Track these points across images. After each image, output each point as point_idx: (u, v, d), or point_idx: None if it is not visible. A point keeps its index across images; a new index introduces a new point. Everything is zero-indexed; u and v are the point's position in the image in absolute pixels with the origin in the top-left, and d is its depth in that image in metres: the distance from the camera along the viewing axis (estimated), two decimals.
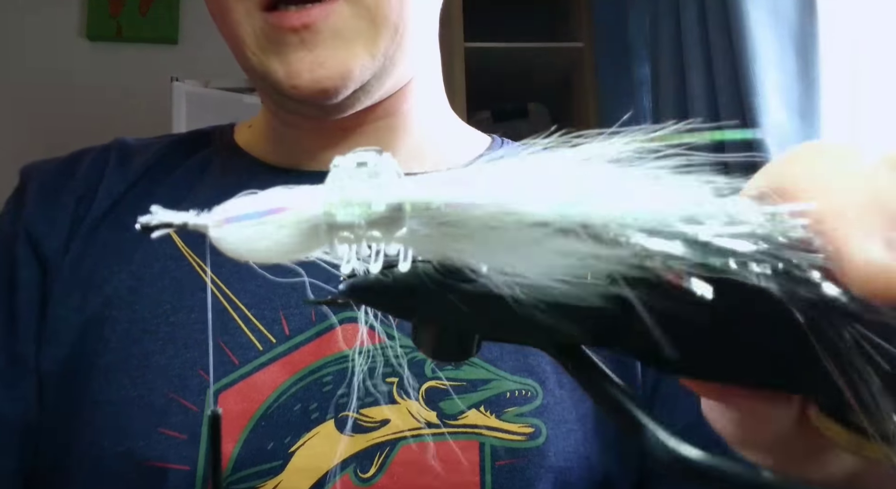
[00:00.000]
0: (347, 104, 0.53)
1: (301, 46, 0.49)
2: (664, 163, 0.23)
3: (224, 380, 0.49)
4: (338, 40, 0.49)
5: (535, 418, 0.50)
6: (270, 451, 0.48)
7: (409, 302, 0.23)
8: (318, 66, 0.49)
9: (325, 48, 0.49)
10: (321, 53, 0.49)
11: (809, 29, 1.28)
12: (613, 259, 0.21)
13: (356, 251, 0.23)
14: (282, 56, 0.50)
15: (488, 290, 0.22)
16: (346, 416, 0.49)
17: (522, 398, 0.50)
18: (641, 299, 0.21)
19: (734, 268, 0.21)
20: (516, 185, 0.22)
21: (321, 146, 0.58)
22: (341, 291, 0.25)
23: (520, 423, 0.50)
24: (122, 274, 0.54)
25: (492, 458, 0.48)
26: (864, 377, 0.21)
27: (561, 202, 0.22)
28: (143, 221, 0.25)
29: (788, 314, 0.21)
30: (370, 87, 0.52)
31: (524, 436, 0.49)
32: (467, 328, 0.24)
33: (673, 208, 0.21)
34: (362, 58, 0.50)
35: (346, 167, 0.24)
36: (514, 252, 0.22)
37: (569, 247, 0.21)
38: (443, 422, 0.49)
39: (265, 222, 0.24)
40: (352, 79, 0.50)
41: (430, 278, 0.23)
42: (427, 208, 0.22)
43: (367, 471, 0.48)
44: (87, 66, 2.19)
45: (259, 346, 0.50)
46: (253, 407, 0.49)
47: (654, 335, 0.21)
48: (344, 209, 0.23)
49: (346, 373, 0.50)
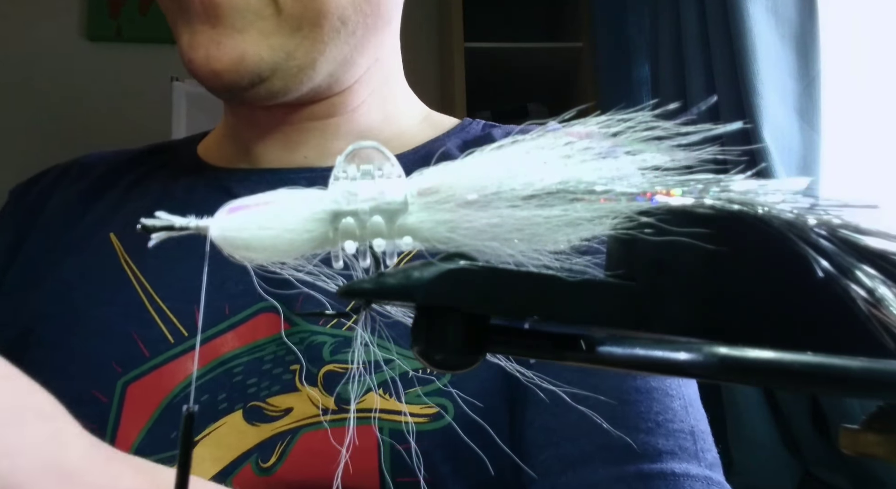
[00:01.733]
0: (249, 96, 0.52)
1: (205, 20, 0.49)
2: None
3: (133, 372, 0.50)
4: (237, 22, 0.49)
5: (440, 397, 0.48)
6: (173, 440, 0.48)
7: (417, 285, 0.22)
8: (214, 44, 0.49)
9: (224, 27, 0.49)
10: (221, 32, 0.49)
11: (809, 28, 1.28)
12: (614, 212, 0.22)
13: (360, 246, 0.24)
14: (188, 25, 0.50)
15: (502, 267, 0.22)
16: (255, 406, 0.49)
17: (426, 378, 0.48)
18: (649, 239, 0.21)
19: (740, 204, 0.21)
20: (510, 163, 0.23)
21: (258, 141, 0.59)
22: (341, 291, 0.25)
23: (422, 404, 0.48)
24: (60, 272, 0.57)
25: (390, 442, 0.47)
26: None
27: (561, 171, 0.22)
28: (146, 223, 0.25)
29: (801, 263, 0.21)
30: (272, 84, 0.51)
31: (427, 417, 0.47)
32: (479, 308, 0.23)
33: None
34: (257, 45, 0.49)
35: (348, 161, 0.24)
36: (523, 230, 0.22)
37: (575, 214, 0.22)
38: (340, 407, 0.48)
39: (269, 218, 0.24)
40: (245, 65, 0.49)
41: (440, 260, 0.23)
42: (430, 193, 0.22)
43: (267, 461, 0.48)
44: (87, 66, 2.19)
45: (171, 339, 0.51)
46: (159, 397, 0.49)
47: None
48: (348, 198, 0.23)
49: (256, 364, 0.50)
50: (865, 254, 0.21)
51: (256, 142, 0.60)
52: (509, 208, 0.23)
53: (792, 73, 1.29)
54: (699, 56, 1.44)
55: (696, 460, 0.48)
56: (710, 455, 0.49)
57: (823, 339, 0.22)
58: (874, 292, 0.21)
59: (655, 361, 0.21)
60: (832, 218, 0.21)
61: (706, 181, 0.22)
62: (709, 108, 1.37)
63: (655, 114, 0.24)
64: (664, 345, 0.21)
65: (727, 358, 0.20)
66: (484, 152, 0.24)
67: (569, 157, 0.23)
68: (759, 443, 1.27)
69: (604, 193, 0.22)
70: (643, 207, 0.22)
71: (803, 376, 0.20)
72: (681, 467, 0.47)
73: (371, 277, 0.22)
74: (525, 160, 0.23)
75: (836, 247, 0.21)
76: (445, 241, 0.23)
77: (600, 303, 0.22)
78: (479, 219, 0.23)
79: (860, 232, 0.21)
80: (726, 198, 0.21)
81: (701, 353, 0.21)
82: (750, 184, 0.22)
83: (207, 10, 0.49)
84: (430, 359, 0.24)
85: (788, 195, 0.22)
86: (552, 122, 0.25)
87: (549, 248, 0.23)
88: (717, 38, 1.38)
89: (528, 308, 0.22)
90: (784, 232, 0.21)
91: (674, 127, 0.24)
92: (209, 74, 0.50)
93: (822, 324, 0.22)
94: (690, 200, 0.21)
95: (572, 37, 2.04)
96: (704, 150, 0.23)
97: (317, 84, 0.54)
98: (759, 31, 1.28)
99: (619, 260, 0.23)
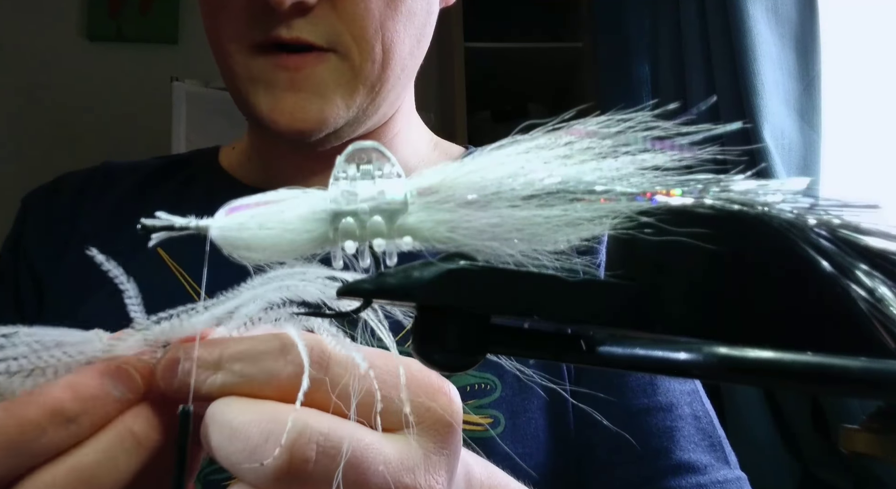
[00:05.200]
0: (318, 143, 0.57)
1: (289, 86, 0.54)
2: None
3: None
4: (321, 88, 0.54)
5: (493, 409, 0.53)
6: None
7: (417, 284, 0.22)
8: (300, 109, 0.54)
9: (308, 92, 0.54)
10: (305, 96, 0.54)
11: (809, 28, 1.28)
12: (614, 212, 0.22)
13: (360, 246, 0.23)
14: (270, 91, 0.54)
15: (502, 267, 0.22)
16: None
17: (482, 391, 0.54)
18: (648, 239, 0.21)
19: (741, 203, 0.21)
20: (510, 163, 0.23)
21: (301, 172, 0.62)
22: (341, 291, 0.25)
23: (479, 415, 0.53)
24: (102, 291, 0.58)
25: None
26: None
27: (561, 172, 0.22)
28: (146, 223, 0.25)
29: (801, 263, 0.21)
30: (342, 132, 0.57)
31: (483, 426, 0.53)
32: (479, 308, 0.23)
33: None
34: (339, 108, 0.55)
35: (348, 161, 0.24)
36: (523, 230, 0.22)
37: (575, 214, 0.22)
38: None
39: (269, 218, 0.24)
40: (326, 125, 0.55)
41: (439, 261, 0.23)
42: (430, 193, 0.22)
43: None
44: (87, 65, 2.19)
45: None
46: None
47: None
48: (348, 198, 0.23)
49: None
50: (865, 254, 0.21)
51: (303, 176, 0.62)
52: (509, 208, 0.23)
53: (792, 73, 1.29)
54: (699, 56, 1.44)
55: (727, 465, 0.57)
56: (732, 457, 0.58)
57: (823, 339, 0.22)
58: (874, 292, 0.21)
59: (655, 361, 0.21)
60: (832, 218, 0.21)
61: (706, 181, 0.22)
62: (709, 108, 1.37)
63: (655, 114, 0.24)
64: (664, 345, 0.21)
65: (727, 358, 0.20)
66: (484, 152, 0.24)
67: (569, 157, 0.23)
68: (759, 443, 1.27)
69: (604, 193, 0.22)
70: (643, 207, 0.22)
71: (803, 376, 0.20)
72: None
73: (371, 277, 0.22)
74: (525, 160, 0.23)
75: (836, 247, 0.21)
76: (445, 241, 0.23)
77: (600, 303, 0.22)
78: (479, 219, 0.23)
79: (860, 232, 0.21)
80: (726, 198, 0.21)
81: (701, 353, 0.21)
82: (750, 184, 0.22)
83: (294, 78, 0.53)
84: (429, 358, 0.24)
85: (788, 195, 0.22)
86: (579, 123, 0.25)
87: (549, 248, 0.23)
88: (717, 39, 1.38)
89: (528, 308, 0.22)
90: (784, 232, 0.21)
91: (674, 127, 0.24)
92: (294, 133, 0.54)
93: (822, 324, 0.22)
94: (690, 200, 0.21)
95: (572, 37, 2.04)
96: (704, 150, 0.23)
97: (374, 122, 0.60)
98: (759, 31, 1.28)
99: (619, 260, 0.23)
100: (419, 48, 0.59)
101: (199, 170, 0.67)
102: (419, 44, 0.59)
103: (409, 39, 0.56)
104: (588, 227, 0.22)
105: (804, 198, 0.21)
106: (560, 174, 0.22)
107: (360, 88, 0.55)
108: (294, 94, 0.54)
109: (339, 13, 0.53)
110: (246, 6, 0.53)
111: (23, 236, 0.65)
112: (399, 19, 0.55)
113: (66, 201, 0.66)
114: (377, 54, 0.54)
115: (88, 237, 0.62)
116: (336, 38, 0.53)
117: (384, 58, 0.55)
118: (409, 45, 0.57)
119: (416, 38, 0.58)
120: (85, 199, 0.65)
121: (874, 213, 0.21)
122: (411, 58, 0.58)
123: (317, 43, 0.53)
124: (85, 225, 0.63)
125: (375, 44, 0.54)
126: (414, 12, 0.56)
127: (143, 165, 0.69)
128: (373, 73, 0.55)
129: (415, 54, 0.59)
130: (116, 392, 0.26)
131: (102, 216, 0.64)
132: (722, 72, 1.37)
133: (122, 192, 0.65)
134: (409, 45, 0.57)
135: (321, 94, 0.54)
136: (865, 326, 0.21)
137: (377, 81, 0.56)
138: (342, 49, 0.54)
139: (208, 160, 0.69)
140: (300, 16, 0.52)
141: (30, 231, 0.65)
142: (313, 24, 0.52)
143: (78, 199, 0.65)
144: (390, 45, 0.55)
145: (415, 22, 0.57)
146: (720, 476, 0.56)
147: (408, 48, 0.57)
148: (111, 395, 0.26)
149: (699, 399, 0.59)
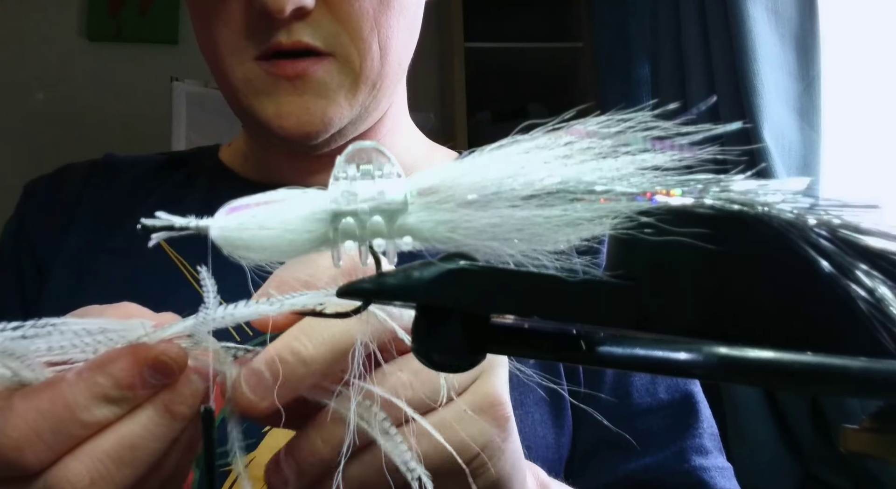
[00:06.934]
0: (323, 144, 0.59)
1: (292, 92, 0.55)
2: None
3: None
4: (323, 91, 0.55)
5: None
6: (244, 430, 0.49)
7: (417, 285, 0.22)
8: (305, 112, 0.55)
9: (312, 96, 0.55)
10: (308, 100, 0.55)
11: (809, 28, 1.28)
12: (614, 212, 0.22)
13: (360, 246, 0.23)
14: (273, 98, 0.55)
15: (502, 267, 0.22)
16: None
17: None
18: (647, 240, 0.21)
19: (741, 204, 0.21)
20: (510, 163, 0.23)
21: (301, 173, 0.63)
22: (341, 290, 0.25)
23: None
24: (108, 277, 0.59)
25: None
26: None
27: (561, 172, 0.22)
28: (146, 223, 0.25)
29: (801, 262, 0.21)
30: (346, 131, 0.59)
31: None
32: (479, 308, 0.23)
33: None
34: (343, 108, 0.56)
35: (348, 161, 0.24)
36: (523, 230, 0.22)
37: (575, 214, 0.22)
38: None
39: (269, 218, 0.24)
40: (332, 125, 0.56)
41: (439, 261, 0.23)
42: (430, 193, 0.22)
43: None
44: (87, 66, 2.19)
45: (237, 336, 0.53)
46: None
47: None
48: (348, 198, 0.23)
49: None
50: (865, 254, 0.21)
51: (302, 176, 0.63)
52: (509, 208, 0.23)
53: (792, 73, 1.29)
54: (699, 56, 1.44)
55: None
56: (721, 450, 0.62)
57: (823, 339, 0.22)
58: (874, 292, 0.21)
59: (655, 361, 0.21)
60: (832, 218, 0.21)
61: (706, 181, 0.22)
62: (709, 108, 1.37)
63: (655, 114, 0.24)
64: (664, 345, 0.21)
65: (727, 358, 0.20)
66: (484, 152, 0.24)
67: (569, 157, 0.23)
68: (759, 443, 1.27)
69: (604, 193, 0.22)
70: (643, 207, 0.22)
71: (803, 376, 0.20)
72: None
73: (371, 277, 0.22)
74: (525, 160, 0.23)
75: (836, 247, 0.21)
76: (445, 241, 0.23)
77: (600, 303, 0.22)
78: (479, 219, 0.23)
79: (860, 232, 0.21)
80: (726, 198, 0.21)
81: (701, 353, 0.21)
82: (750, 184, 0.22)
83: (296, 84, 0.55)
84: (429, 358, 0.24)
85: (788, 195, 0.22)
86: (579, 123, 0.25)
87: (549, 248, 0.23)
88: (717, 38, 1.38)
89: (528, 308, 0.22)
90: (784, 232, 0.21)
91: (674, 127, 0.24)
92: (301, 136, 0.56)
93: (821, 324, 0.22)
94: (690, 200, 0.21)
95: (572, 37, 2.04)
96: (704, 150, 0.23)
97: (373, 118, 0.61)
98: (759, 31, 1.28)
99: (619, 260, 0.23)
100: (411, 41, 0.61)
101: (201, 166, 0.68)
102: (411, 36, 0.60)
103: (403, 33, 0.58)
104: (588, 227, 0.22)
105: (804, 198, 0.21)
106: (560, 174, 0.22)
107: (361, 87, 0.56)
108: (298, 97, 0.55)
109: (334, 14, 0.54)
110: (244, 17, 0.54)
111: (24, 223, 0.66)
112: (392, 15, 0.56)
113: (67, 191, 0.66)
114: (375, 52, 0.55)
115: (87, 228, 0.63)
116: (334, 40, 0.54)
117: (381, 54, 0.56)
118: (403, 38, 0.58)
119: (409, 31, 0.59)
120: (86, 189, 0.66)
121: (874, 212, 0.21)
122: (405, 51, 0.60)
123: (316, 46, 0.54)
124: (84, 215, 0.64)
125: (372, 42, 0.55)
126: (405, 6, 0.57)
127: (145, 160, 0.69)
128: (373, 71, 0.56)
129: (408, 47, 0.60)
130: (154, 380, 0.29)
131: (103, 208, 0.64)
132: (722, 72, 1.37)
133: (123, 185, 0.66)
134: (403, 39, 0.58)
135: (324, 95, 0.55)
136: (865, 326, 0.21)
137: (377, 78, 0.57)
138: (341, 50, 0.55)
139: (209, 157, 0.69)
140: (299, 20, 0.53)
141: (31, 218, 0.66)
142: (312, 27, 0.53)
143: (79, 190, 0.66)
144: (386, 41, 0.56)
145: (407, 16, 0.58)
146: (721, 462, 0.60)
147: (402, 42, 0.58)
148: (149, 383, 0.29)
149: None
